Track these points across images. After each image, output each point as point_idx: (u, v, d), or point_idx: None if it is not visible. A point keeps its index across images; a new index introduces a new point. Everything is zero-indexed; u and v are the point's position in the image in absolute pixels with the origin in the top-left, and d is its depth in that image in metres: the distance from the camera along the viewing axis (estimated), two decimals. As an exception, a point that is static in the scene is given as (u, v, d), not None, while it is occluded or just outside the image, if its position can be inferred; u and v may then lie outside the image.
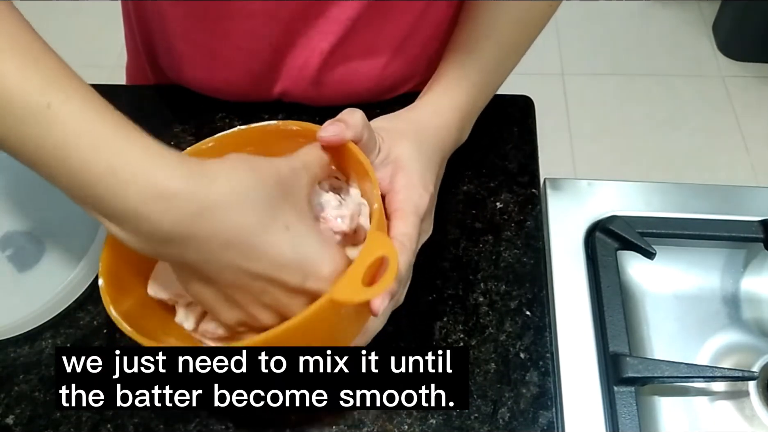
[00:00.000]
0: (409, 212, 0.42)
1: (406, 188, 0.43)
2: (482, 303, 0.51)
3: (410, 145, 0.46)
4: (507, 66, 0.55)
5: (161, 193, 0.32)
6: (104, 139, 0.32)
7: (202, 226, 0.33)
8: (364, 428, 0.46)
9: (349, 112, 0.42)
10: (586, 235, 0.56)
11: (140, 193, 0.32)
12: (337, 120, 0.42)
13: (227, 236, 0.33)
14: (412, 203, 0.43)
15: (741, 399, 0.52)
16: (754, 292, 0.58)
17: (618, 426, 0.47)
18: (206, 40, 0.56)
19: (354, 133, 0.41)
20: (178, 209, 0.32)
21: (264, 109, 0.62)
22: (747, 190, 0.59)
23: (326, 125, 0.41)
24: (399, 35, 0.57)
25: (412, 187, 0.43)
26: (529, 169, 0.59)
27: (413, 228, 0.42)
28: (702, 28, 1.99)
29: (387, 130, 0.46)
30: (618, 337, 0.50)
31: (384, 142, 0.45)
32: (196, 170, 0.33)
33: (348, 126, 0.41)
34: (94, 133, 0.32)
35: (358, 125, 0.41)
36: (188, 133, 0.62)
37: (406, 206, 0.42)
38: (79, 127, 0.32)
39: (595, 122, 1.78)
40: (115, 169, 0.32)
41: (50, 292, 0.50)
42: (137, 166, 0.32)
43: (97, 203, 0.33)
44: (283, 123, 0.45)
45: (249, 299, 0.36)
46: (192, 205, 0.32)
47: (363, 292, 0.35)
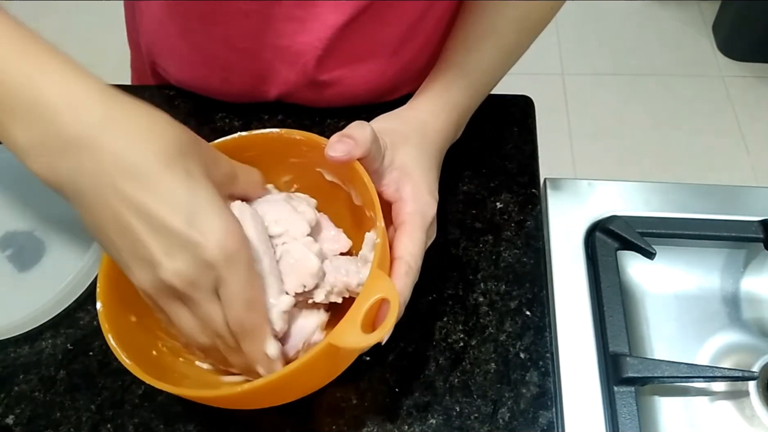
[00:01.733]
0: (417, 227, 0.42)
1: (414, 199, 0.43)
2: (482, 303, 0.51)
3: (414, 150, 0.45)
4: (505, 67, 0.55)
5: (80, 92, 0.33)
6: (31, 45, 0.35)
7: (104, 141, 0.33)
8: (364, 428, 0.46)
9: (357, 126, 0.41)
10: (586, 235, 0.56)
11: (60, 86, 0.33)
12: (346, 135, 0.40)
13: (124, 158, 0.33)
14: (421, 214, 0.42)
15: (741, 399, 0.52)
16: (754, 292, 0.58)
17: (618, 426, 0.47)
18: (203, 41, 0.56)
19: (363, 150, 0.40)
20: (91, 113, 0.33)
21: (263, 109, 0.62)
22: (747, 190, 0.59)
23: (334, 142, 0.40)
24: (397, 38, 0.56)
25: (420, 197, 0.43)
26: (529, 169, 0.59)
27: (419, 246, 0.41)
28: (702, 28, 1.99)
29: (389, 132, 0.45)
30: (618, 337, 0.50)
31: (388, 146, 0.44)
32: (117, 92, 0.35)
33: (357, 143, 0.40)
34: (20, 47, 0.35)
35: (367, 142, 0.40)
36: (188, 133, 0.61)
37: (414, 218, 0.42)
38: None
39: (595, 122, 1.78)
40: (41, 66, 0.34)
41: (50, 292, 0.50)
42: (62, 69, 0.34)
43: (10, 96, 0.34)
44: (287, 131, 0.45)
45: (127, 245, 0.34)
46: (105, 111, 0.33)
47: (361, 339, 0.35)
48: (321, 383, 0.42)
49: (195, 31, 0.56)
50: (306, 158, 0.45)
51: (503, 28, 0.53)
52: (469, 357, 0.48)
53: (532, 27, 0.54)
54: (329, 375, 0.41)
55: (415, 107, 0.51)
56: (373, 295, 0.36)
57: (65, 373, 0.48)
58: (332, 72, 0.57)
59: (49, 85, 0.34)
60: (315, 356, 0.35)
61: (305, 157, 0.45)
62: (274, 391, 0.38)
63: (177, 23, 0.56)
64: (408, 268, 0.40)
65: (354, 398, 0.47)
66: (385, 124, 0.47)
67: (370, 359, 0.48)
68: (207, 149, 0.38)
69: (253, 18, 0.53)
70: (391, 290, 0.36)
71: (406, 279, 0.40)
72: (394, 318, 0.35)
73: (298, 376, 0.36)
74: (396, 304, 0.35)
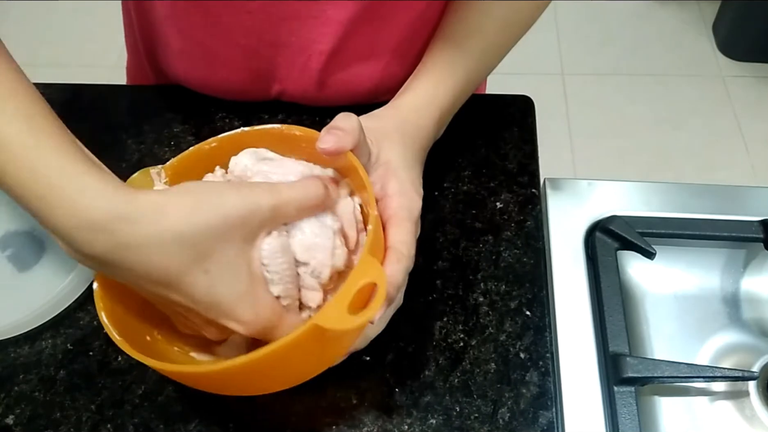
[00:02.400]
0: (404, 218, 0.42)
1: (400, 194, 0.43)
2: (482, 303, 0.51)
3: (398, 148, 0.45)
4: (489, 65, 0.55)
5: (85, 223, 0.33)
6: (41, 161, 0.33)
7: (125, 260, 0.34)
8: (364, 428, 0.46)
9: (344, 117, 0.41)
10: (586, 235, 0.56)
11: (68, 218, 0.33)
12: (334, 128, 0.40)
13: (147, 271, 0.34)
14: (407, 209, 0.42)
15: (741, 399, 0.52)
16: (754, 292, 0.58)
17: (618, 426, 0.47)
18: (205, 37, 0.56)
19: (353, 141, 0.40)
20: (101, 241, 0.33)
21: (264, 109, 0.62)
22: (747, 190, 0.59)
23: (324, 135, 0.40)
24: (398, 37, 0.56)
25: (405, 193, 0.43)
26: (529, 169, 0.59)
27: (409, 235, 0.42)
28: (702, 28, 1.99)
29: (374, 130, 0.45)
30: (618, 337, 0.50)
31: (373, 144, 0.44)
32: (124, 205, 0.33)
33: (346, 133, 0.40)
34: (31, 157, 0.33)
35: (355, 131, 0.40)
36: (188, 133, 0.62)
37: (401, 212, 0.42)
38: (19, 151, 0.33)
39: (595, 122, 1.78)
40: (45, 194, 0.33)
41: (50, 292, 0.50)
42: (65, 193, 0.33)
43: (36, 219, 0.34)
44: (287, 127, 0.45)
45: (180, 317, 0.39)
46: (114, 239, 0.33)
47: (348, 320, 0.35)
48: (309, 370, 0.41)
49: (197, 28, 0.56)
50: (305, 154, 0.45)
51: (489, 27, 0.53)
52: (469, 357, 0.48)
53: (518, 26, 0.54)
54: (318, 362, 0.40)
55: (398, 105, 0.51)
56: (362, 278, 0.36)
57: (65, 373, 0.48)
58: (333, 71, 0.58)
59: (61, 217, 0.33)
60: (300, 336, 0.34)
61: (305, 153, 0.45)
62: (259, 372, 0.38)
63: (179, 19, 0.56)
64: (400, 255, 0.40)
65: (354, 398, 0.47)
66: (367, 122, 0.46)
67: (370, 359, 0.48)
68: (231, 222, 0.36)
69: (256, 15, 0.53)
70: (379, 274, 0.36)
71: (398, 265, 0.40)
72: (382, 300, 0.35)
73: (284, 357, 0.36)
74: (384, 288, 0.35)
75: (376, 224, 0.39)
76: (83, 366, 0.49)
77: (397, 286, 0.40)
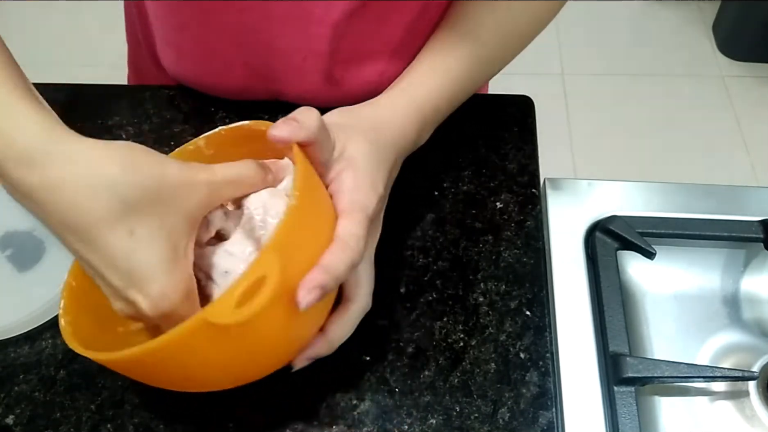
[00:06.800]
0: (357, 210, 0.41)
1: (353, 190, 0.42)
2: (482, 303, 0.51)
3: (365, 145, 0.44)
4: (484, 73, 0.54)
5: (19, 156, 0.33)
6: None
7: (48, 199, 0.34)
8: (364, 428, 0.46)
9: (304, 111, 0.41)
10: (586, 235, 0.56)
11: (4, 150, 0.34)
12: (291, 119, 0.40)
13: (67, 217, 0.34)
14: (359, 204, 0.42)
15: (741, 399, 0.52)
16: (754, 292, 0.58)
17: (618, 426, 0.47)
18: (203, 34, 0.56)
19: (307, 134, 0.39)
20: (32, 176, 0.33)
21: (263, 108, 0.62)
22: (747, 190, 0.59)
23: (279, 123, 0.40)
24: (396, 37, 0.56)
25: (358, 189, 0.42)
26: (529, 169, 0.59)
27: (359, 227, 0.40)
28: (702, 28, 1.99)
29: (341, 126, 0.44)
30: (618, 337, 0.50)
31: (338, 140, 0.43)
32: (62, 142, 0.34)
33: (302, 127, 0.39)
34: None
35: (312, 127, 0.40)
36: (188, 133, 0.62)
37: (354, 206, 0.41)
38: None
39: (595, 122, 1.78)
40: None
41: (50, 292, 0.50)
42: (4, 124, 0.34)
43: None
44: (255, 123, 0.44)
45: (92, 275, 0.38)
46: (47, 174, 0.33)
47: (233, 313, 0.34)
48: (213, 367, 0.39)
49: (193, 25, 0.56)
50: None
51: (483, 36, 0.52)
52: (469, 357, 0.48)
53: (515, 37, 0.54)
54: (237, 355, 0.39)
55: (375, 103, 0.50)
56: (253, 274, 0.35)
57: (65, 373, 0.48)
58: (331, 71, 0.57)
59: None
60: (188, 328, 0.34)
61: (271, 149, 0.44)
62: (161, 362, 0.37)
63: (176, 17, 0.56)
64: (344, 245, 0.39)
65: (354, 398, 0.47)
66: (337, 118, 0.46)
67: (370, 359, 0.48)
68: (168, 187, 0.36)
69: (248, 13, 0.53)
70: (270, 267, 0.35)
71: (341, 254, 0.38)
72: (269, 291, 0.34)
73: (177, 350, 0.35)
74: (273, 280, 0.34)
75: (291, 217, 0.37)
76: (83, 366, 0.49)
77: (337, 276, 0.38)
